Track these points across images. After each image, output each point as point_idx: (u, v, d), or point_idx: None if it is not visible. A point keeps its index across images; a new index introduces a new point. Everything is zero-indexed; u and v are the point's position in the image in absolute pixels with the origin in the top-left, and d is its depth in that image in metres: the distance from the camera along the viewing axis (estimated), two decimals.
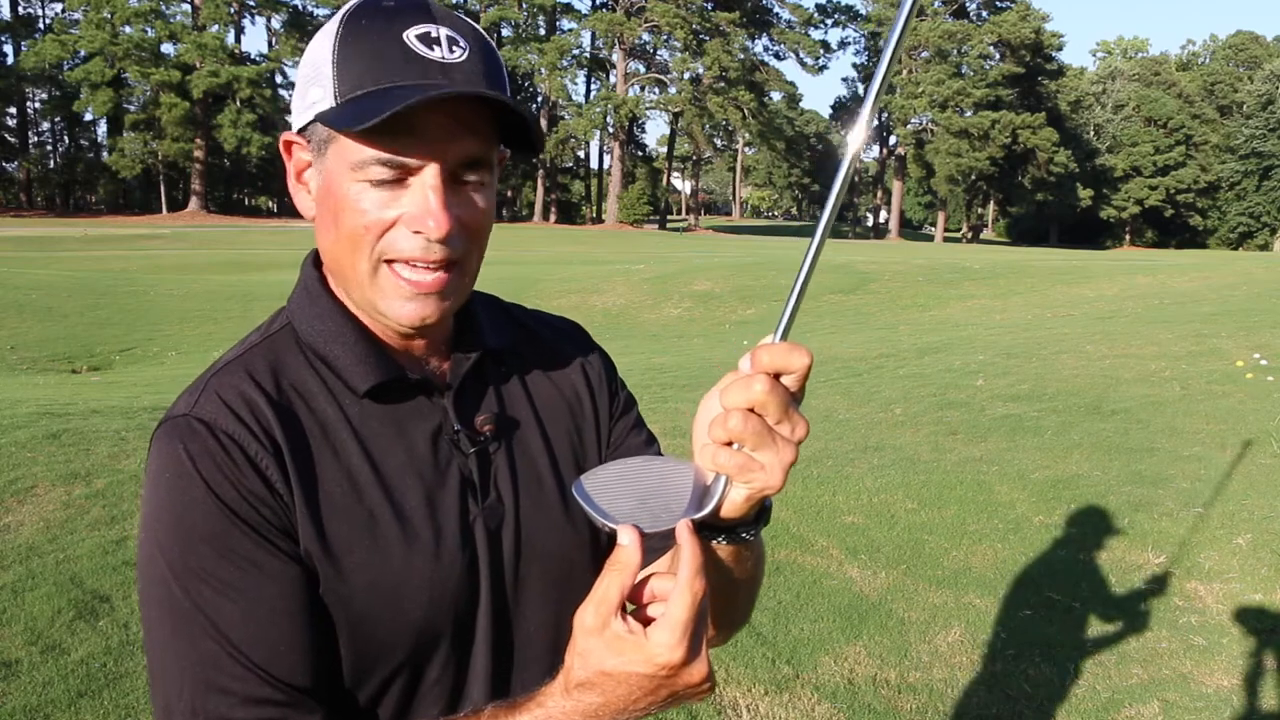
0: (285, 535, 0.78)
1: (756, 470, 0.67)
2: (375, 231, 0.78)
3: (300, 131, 0.82)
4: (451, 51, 0.77)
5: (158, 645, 0.76)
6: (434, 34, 0.77)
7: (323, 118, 0.78)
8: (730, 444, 0.66)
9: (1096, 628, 3.56)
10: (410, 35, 0.77)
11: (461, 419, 0.87)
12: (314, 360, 0.85)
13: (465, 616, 0.86)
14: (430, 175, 0.76)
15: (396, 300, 0.80)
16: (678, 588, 0.66)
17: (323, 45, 0.79)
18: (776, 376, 0.66)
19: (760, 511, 0.75)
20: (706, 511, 0.69)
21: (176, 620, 0.75)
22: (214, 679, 0.74)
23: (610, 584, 0.67)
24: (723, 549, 0.77)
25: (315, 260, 0.89)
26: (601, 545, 0.94)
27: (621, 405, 1.01)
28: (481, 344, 0.91)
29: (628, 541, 0.68)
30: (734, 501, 0.69)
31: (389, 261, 0.79)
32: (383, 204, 0.77)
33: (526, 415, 0.93)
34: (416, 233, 0.77)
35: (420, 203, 0.77)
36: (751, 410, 0.65)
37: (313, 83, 0.79)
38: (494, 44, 0.83)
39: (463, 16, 0.82)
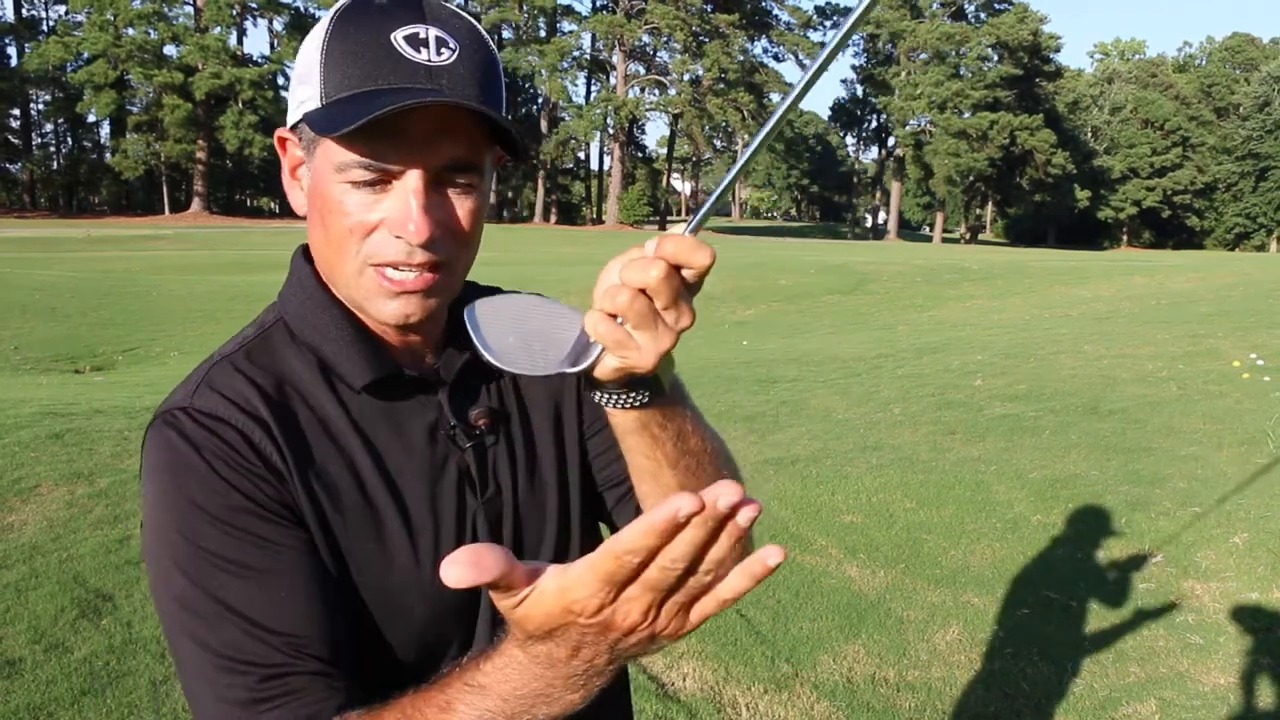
0: (293, 515, 0.78)
1: (631, 348, 0.67)
2: (360, 234, 0.78)
3: (293, 128, 0.82)
4: (439, 53, 0.76)
5: (176, 635, 0.75)
6: (422, 35, 0.76)
7: (308, 118, 0.78)
8: (615, 317, 0.67)
9: (1094, 626, 3.57)
10: (398, 36, 0.76)
11: (457, 414, 0.88)
12: (309, 355, 0.84)
13: (467, 613, 0.86)
14: (412, 179, 0.76)
15: (380, 299, 0.80)
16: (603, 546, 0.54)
17: (313, 44, 0.78)
18: (677, 268, 0.65)
19: (641, 380, 0.73)
20: (579, 369, 0.70)
21: (191, 608, 0.74)
22: (234, 661, 0.73)
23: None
24: (621, 415, 0.76)
25: (306, 254, 0.88)
26: (599, 535, 0.94)
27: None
28: None
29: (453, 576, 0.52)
30: (606, 367, 0.70)
31: (375, 265, 0.79)
32: (366, 206, 0.77)
33: (518, 407, 0.93)
34: (398, 237, 0.77)
35: (401, 207, 0.76)
36: (643, 291, 0.65)
37: (303, 81, 0.79)
38: (491, 42, 0.82)
39: (461, 13, 0.80)
